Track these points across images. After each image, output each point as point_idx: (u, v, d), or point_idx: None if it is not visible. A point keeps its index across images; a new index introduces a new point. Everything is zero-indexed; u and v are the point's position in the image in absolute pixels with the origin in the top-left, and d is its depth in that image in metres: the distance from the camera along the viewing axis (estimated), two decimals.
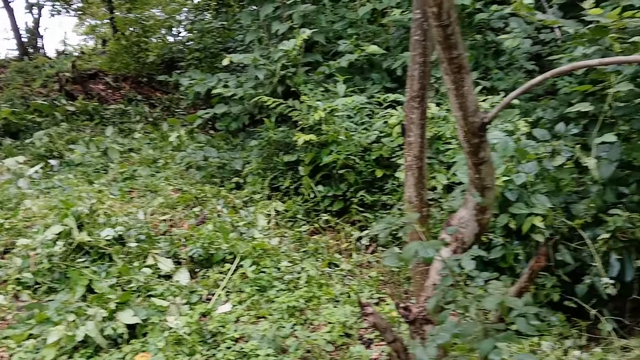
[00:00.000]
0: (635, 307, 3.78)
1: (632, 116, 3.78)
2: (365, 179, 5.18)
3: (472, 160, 1.74)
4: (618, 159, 3.85)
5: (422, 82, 2.12)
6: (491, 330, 1.48)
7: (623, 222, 3.58)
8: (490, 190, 1.79)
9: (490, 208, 1.83)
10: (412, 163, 2.20)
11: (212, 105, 6.68)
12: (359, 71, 6.28)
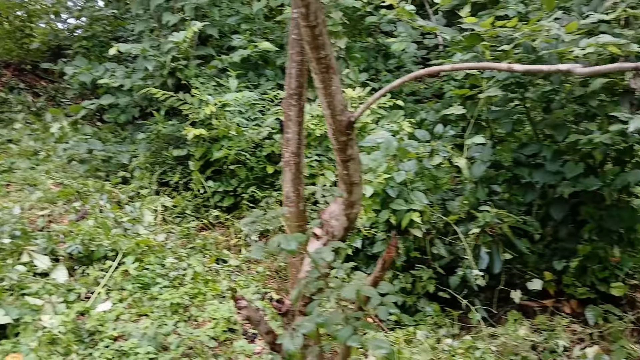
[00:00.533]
0: (503, 297, 4.08)
1: (502, 120, 4.08)
2: (257, 175, 5.20)
3: (340, 157, 1.81)
4: (489, 160, 4.15)
5: (299, 80, 2.17)
6: (351, 318, 1.56)
7: (492, 218, 3.85)
8: (357, 186, 1.87)
9: (357, 203, 1.91)
10: (290, 159, 2.24)
11: (99, 96, 6.39)
12: (253, 67, 6.28)
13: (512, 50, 3.64)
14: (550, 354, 3.54)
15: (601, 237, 3.91)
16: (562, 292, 3.98)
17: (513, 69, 1.42)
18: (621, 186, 3.59)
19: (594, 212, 3.90)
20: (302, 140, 2.24)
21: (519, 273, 4.19)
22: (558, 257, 4.04)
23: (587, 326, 3.71)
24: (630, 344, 3.49)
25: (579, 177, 3.75)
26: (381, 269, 1.80)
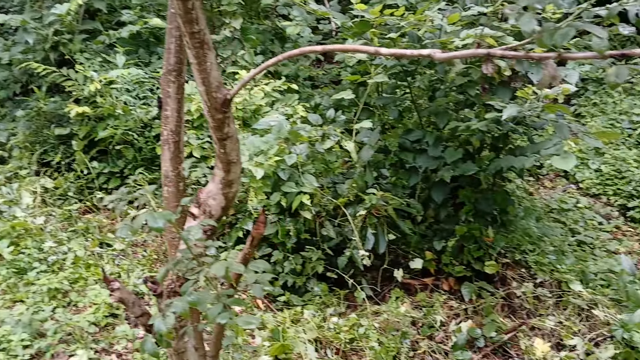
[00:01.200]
0: (388, 276, 4.25)
1: (390, 106, 4.22)
2: (145, 156, 5.03)
3: (216, 135, 1.79)
4: (377, 144, 4.28)
5: (178, 55, 2.11)
6: (223, 296, 1.55)
7: (377, 200, 3.99)
8: (235, 164, 1.86)
9: (236, 182, 1.90)
10: (169, 137, 2.18)
11: None
12: (144, 44, 6.03)
13: (399, 38, 3.76)
14: (428, 329, 3.74)
15: (477, 219, 4.17)
16: (442, 270, 4.21)
17: (380, 52, 1.47)
18: (495, 171, 3.83)
19: (471, 195, 4.14)
20: (182, 118, 2.19)
21: (403, 253, 4.38)
22: (438, 237, 4.27)
23: (463, 302, 3.96)
24: (500, 318, 3.75)
25: (458, 162, 3.96)
26: (250, 245, 1.81)
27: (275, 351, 3.06)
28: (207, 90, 1.70)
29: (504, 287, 4.04)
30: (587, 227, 4.89)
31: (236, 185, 1.93)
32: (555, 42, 1.17)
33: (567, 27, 1.17)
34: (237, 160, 1.87)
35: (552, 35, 1.17)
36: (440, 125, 4.01)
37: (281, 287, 4.14)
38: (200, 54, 1.64)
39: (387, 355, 3.44)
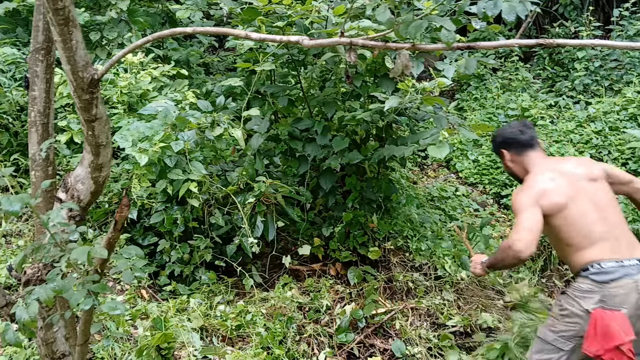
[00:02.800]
0: (278, 263, 4.30)
1: (280, 95, 4.24)
2: (22, 141, 4.72)
3: (84, 117, 1.73)
4: (267, 132, 4.30)
5: (46, 33, 2.01)
6: (88, 282, 1.51)
7: (267, 188, 4.01)
8: (104, 147, 1.81)
9: (106, 166, 1.85)
10: (37, 119, 2.07)
11: None
12: (23, 22, 5.65)
13: (288, 27, 3.79)
14: (314, 313, 3.83)
15: (363, 206, 4.32)
16: (329, 256, 4.32)
17: (250, 36, 1.49)
18: (378, 160, 3.98)
19: (357, 183, 4.28)
20: (51, 99, 2.09)
21: (292, 240, 4.45)
22: (327, 224, 4.38)
23: (348, 286, 4.09)
24: (382, 299, 3.92)
25: (345, 151, 4.08)
26: (114, 229, 1.77)
27: (156, 341, 3.00)
28: (73, 70, 1.64)
29: (387, 271, 4.23)
30: (465, 214, 5.22)
31: (106, 169, 1.88)
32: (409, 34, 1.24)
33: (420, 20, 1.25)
34: (106, 143, 1.82)
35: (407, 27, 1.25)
36: (328, 115, 4.10)
37: (168, 277, 4.07)
38: (65, 31, 1.58)
39: (274, 340, 3.49)
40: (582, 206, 2.76)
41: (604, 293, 2.65)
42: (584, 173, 2.87)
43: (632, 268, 2.65)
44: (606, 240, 2.71)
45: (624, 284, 2.63)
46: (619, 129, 5.85)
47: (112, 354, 3.15)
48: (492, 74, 8.43)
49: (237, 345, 3.49)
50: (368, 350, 3.61)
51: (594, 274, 2.68)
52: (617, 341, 2.55)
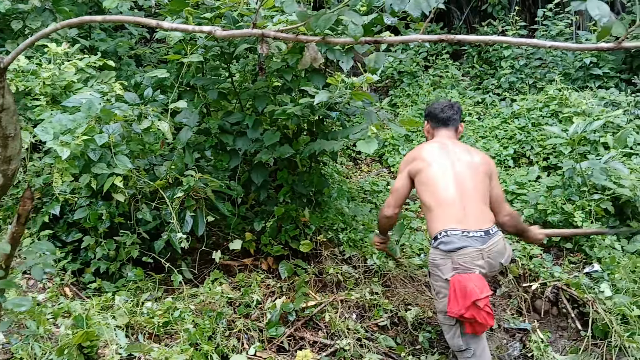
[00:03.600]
0: (209, 259, 4.25)
1: (209, 87, 4.18)
2: None
3: None
4: (197, 125, 4.23)
5: None
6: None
7: (196, 182, 3.95)
8: (13, 139, 1.73)
9: (15, 159, 1.77)
10: None
11: None
12: None
13: (218, 20, 3.74)
14: (245, 308, 3.81)
15: (294, 200, 4.33)
16: (261, 250, 4.31)
17: (162, 26, 1.45)
18: (309, 154, 4.00)
19: (289, 177, 4.29)
20: None
21: (223, 235, 4.41)
22: (259, 218, 4.36)
23: (280, 280, 4.10)
24: (312, 292, 3.95)
25: (276, 145, 4.07)
26: (17, 223, 1.70)
27: (78, 339, 2.90)
28: None
29: (318, 264, 4.26)
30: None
31: (15, 162, 1.79)
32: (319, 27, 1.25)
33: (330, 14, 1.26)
34: (15, 135, 1.74)
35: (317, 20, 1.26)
36: (259, 108, 4.08)
37: (93, 274, 3.95)
38: None
39: (202, 336, 3.45)
40: (444, 175, 3.10)
41: (453, 260, 2.94)
42: (467, 159, 3.20)
43: (476, 239, 2.95)
44: (456, 212, 3.02)
45: (469, 252, 2.92)
46: (541, 125, 6.12)
47: (31, 354, 3.02)
48: (424, 71, 8.63)
49: (164, 342, 3.43)
50: (298, 343, 3.62)
51: (441, 243, 2.98)
52: (474, 297, 2.80)
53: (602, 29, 1.53)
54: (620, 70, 7.38)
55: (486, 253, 2.95)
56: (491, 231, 3.03)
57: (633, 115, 6.27)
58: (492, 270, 3.01)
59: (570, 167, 4.91)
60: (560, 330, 4.12)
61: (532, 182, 5.41)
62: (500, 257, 3.02)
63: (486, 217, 3.08)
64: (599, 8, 1.55)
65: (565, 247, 4.83)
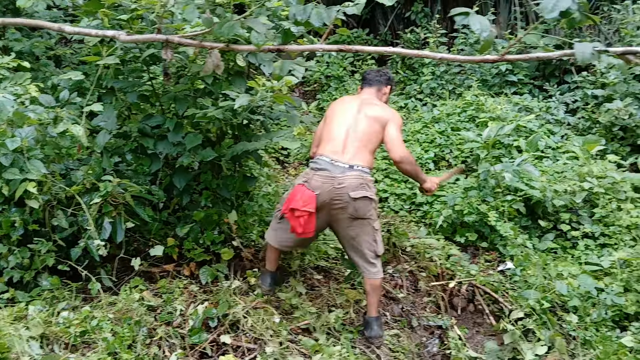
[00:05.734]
0: (129, 266, 4.15)
1: (127, 90, 4.09)
2: None
3: None
4: (116, 129, 4.13)
5: None
6: None
7: (114, 187, 3.86)
8: None
9: None
10: None
11: None
12: None
13: (135, 21, 3.66)
14: (167, 315, 3.75)
15: (217, 204, 4.31)
16: (184, 256, 4.26)
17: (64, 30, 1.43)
18: (232, 157, 3.99)
19: (212, 180, 4.27)
20: None
21: (144, 241, 4.32)
22: (182, 223, 4.30)
23: (202, 286, 4.06)
24: (236, 297, 3.94)
25: (199, 148, 4.04)
26: None
27: None
28: None
29: (241, 268, 4.25)
30: None
31: None
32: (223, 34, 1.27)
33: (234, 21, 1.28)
34: None
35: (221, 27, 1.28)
36: (180, 111, 4.03)
37: (6, 284, 3.78)
38: None
39: (122, 345, 3.37)
40: (342, 119, 3.78)
41: (309, 177, 3.58)
42: (369, 111, 3.79)
43: (337, 167, 3.57)
44: (337, 145, 3.66)
45: (324, 175, 3.55)
46: (460, 129, 6.37)
47: None
48: (350, 76, 8.79)
49: (80, 352, 3.33)
50: (221, 349, 3.61)
51: (312, 162, 3.71)
52: (293, 205, 3.45)
53: (484, 42, 1.63)
54: (533, 77, 7.79)
55: (338, 180, 3.52)
56: (355, 167, 3.59)
57: (544, 120, 6.63)
58: (338, 197, 3.53)
59: (485, 169, 5.15)
60: (477, 326, 4.31)
61: (450, 184, 5.62)
62: (351, 190, 3.52)
63: (360, 157, 3.64)
64: (480, 23, 1.66)
65: (481, 246, 5.05)
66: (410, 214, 5.67)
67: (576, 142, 6.08)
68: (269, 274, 4.00)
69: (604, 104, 6.55)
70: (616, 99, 6.51)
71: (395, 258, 4.78)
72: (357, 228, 3.65)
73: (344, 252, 3.95)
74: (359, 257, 3.72)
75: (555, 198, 4.97)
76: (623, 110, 6.25)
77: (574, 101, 7.03)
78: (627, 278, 4.24)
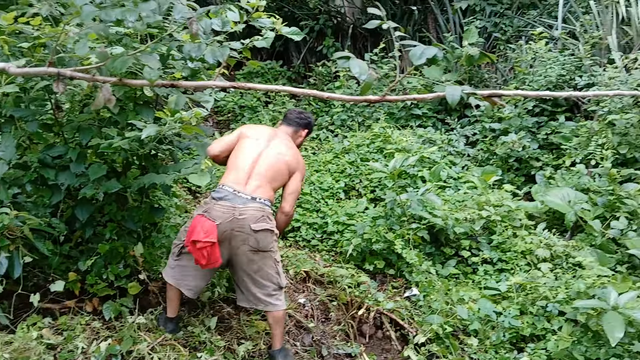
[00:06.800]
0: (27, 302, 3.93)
1: (28, 119, 3.93)
2: None
3: None
4: (15, 159, 3.95)
5: None
6: None
7: (10, 220, 3.67)
8: None
9: None
10: None
11: None
12: None
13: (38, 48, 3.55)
14: (67, 353, 3.59)
15: (123, 236, 4.19)
16: (87, 291, 4.09)
17: None
18: (138, 188, 3.92)
19: (117, 212, 4.15)
20: None
21: (44, 276, 4.11)
22: (85, 257, 4.14)
23: (106, 322, 3.91)
24: (141, 333, 3.82)
25: (102, 179, 3.93)
26: None
27: None
28: None
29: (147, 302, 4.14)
30: None
31: None
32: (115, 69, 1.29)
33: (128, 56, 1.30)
34: None
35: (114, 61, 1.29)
36: (84, 141, 3.92)
37: None
38: None
39: None
40: (251, 149, 3.79)
41: (209, 207, 3.57)
42: (280, 150, 3.85)
43: (239, 198, 3.57)
44: (241, 175, 3.67)
45: (226, 205, 3.54)
46: (368, 160, 6.59)
47: None
48: (264, 107, 8.88)
49: None
50: None
51: (214, 191, 3.66)
52: (194, 237, 3.41)
53: (364, 84, 1.76)
54: (437, 111, 8.20)
55: (239, 211, 3.53)
56: (257, 199, 3.61)
57: (446, 151, 6.99)
58: (239, 228, 3.53)
59: (391, 198, 5.34)
60: (385, 353, 4.42)
61: (360, 213, 5.77)
62: (252, 221, 3.54)
63: (262, 191, 3.67)
64: (359, 67, 1.79)
65: (389, 274, 5.20)
66: (322, 243, 5.75)
67: (475, 172, 6.45)
68: (170, 321, 3.91)
69: (501, 136, 7.02)
70: (511, 132, 7.00)
71: (306, 287, 4.83)
72: (259, 261, 3.64)
73: (242, 289, 3.78)
74: (261, 291, 3.69)
75: (457, 226, 5.23)
76: (517, 143, 6.72)
77: (474, 134, 7.47)
78: (522, 301, 4.50)
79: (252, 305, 3.76)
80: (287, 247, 5.67)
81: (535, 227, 5.46)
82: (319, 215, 5.98)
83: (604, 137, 6.14)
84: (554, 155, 6.83)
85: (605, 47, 7.41)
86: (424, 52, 2.39)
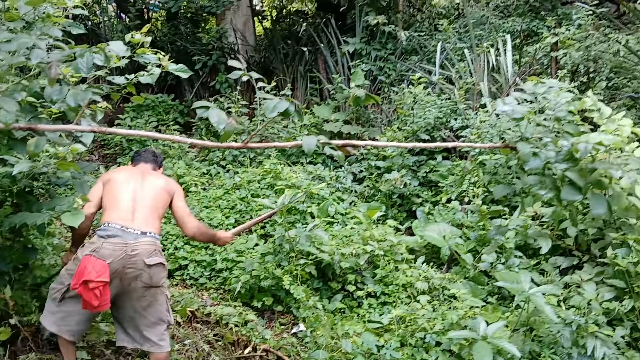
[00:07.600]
0: None
1: None
2: None
3: None
4: None
5: None
6: None
7: None
8: None
9: None
10: None
11: None
12: None
13: None
14: None
15: None
16: None
17: None
18: (9, 227, 3.69)
19: None
20: None
21: None
22: None
23: None
24: None
25: None
26: None
27: None
28: None
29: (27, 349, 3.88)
30: None
31: None
32: None
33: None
34: None
35: None
36: None
37: None
38: None
39: None
40: (126, 187, 3.75)
41: (98, 245, 3.45)
42: (153, 180, 3.88)
43: (129, 234, 3.52)
44: (125, 212, 3.62)
45: (116, 242, 3.47)
46: (260, 196, 6.64)
47: None
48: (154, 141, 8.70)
49: None
50: None
51: (100, 230, 3.55)
52: (85, 277, 3.28)
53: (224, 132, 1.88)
54: None
55: (131, 247, 3.47)
56: (148, 234, 3.58)
57: (335, 188, 7.21)
58: (131, 265, 3.47)
59: (280, 235, 5.41)
60: None
61: (250, 250, 5.78)
62: (145, 256, 3.50)
63: (150, 224, 3.65)
64: (218, 116, 1.90)
65: (277, 310, 5.23)
66: (210, 281, 5.68)
67: (362, 208, 6.70)
68: None
69: (385, 174, 7.36)
70: (394, 169, 7.37)
71: (191, 327, 4.73)
72: (150, 297, 3.57)
73: (127, 328, 3.66)
74: (149, 330, 3.59)
75: (343, 260, 5.37)
76: (399, 180, 7.08)
77: (360, 171, 7.78)
78: (403, 333, 4.69)
79: (137, 344, 3.63)
80: (174, 286, 5.54)
81: (415, 260, 5.74)
82: (208, 252, 5.91)
83: (475, 176, 6.62)
84: (433, 192, 7.26)
85: (477, 92, 8.05)
86: (276, 105, 2.63)
